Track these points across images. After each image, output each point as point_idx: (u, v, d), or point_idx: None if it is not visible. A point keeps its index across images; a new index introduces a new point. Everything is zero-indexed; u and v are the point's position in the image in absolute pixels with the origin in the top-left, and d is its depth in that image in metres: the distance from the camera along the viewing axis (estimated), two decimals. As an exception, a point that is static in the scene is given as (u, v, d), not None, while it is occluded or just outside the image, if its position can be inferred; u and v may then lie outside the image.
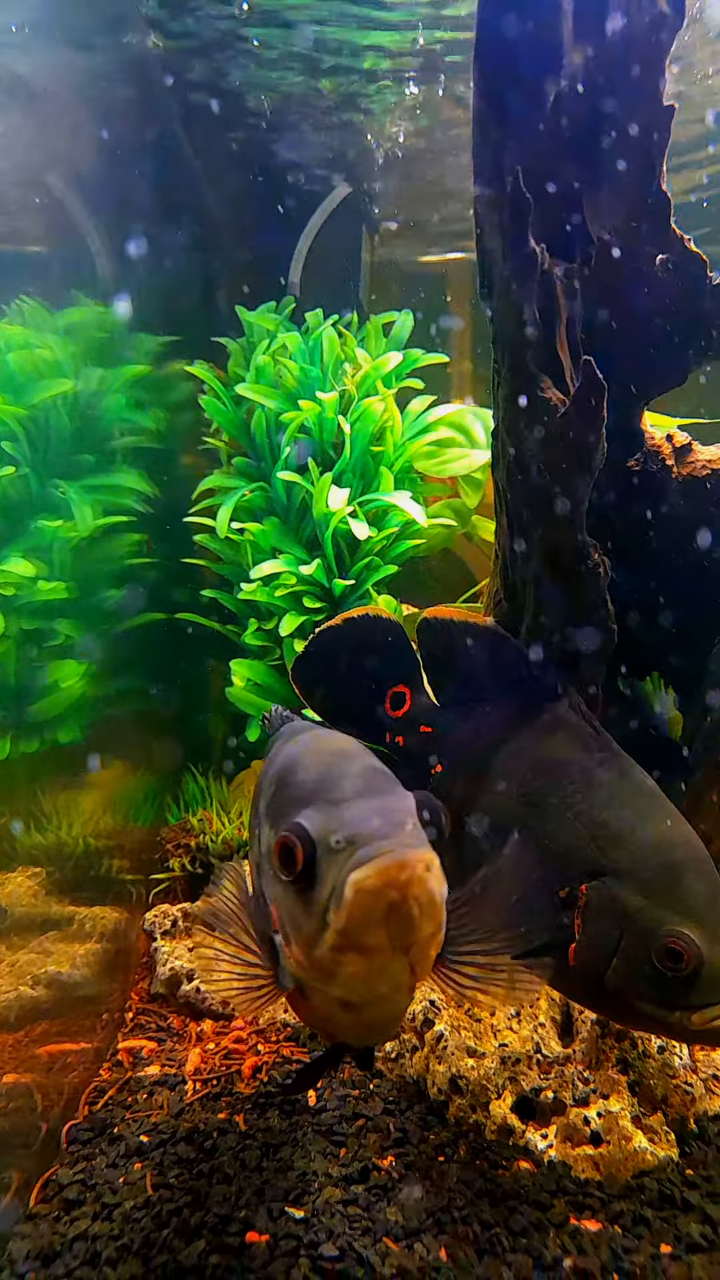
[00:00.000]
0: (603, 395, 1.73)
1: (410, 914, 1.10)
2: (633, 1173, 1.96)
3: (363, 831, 1.14)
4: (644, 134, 1.86)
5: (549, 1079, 2.16)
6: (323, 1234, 1.74)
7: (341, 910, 1.11)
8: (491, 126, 1.74)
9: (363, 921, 1.10)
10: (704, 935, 1.61)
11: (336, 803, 1.20)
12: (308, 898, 1.18)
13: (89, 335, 4.02)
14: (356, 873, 1.10)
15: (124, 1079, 2.41)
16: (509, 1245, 1.74)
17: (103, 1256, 1.68)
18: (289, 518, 3.82)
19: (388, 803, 1.20)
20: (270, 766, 1.55)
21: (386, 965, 1.16)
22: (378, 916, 1.10)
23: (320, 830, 1.17)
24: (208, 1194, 1.86)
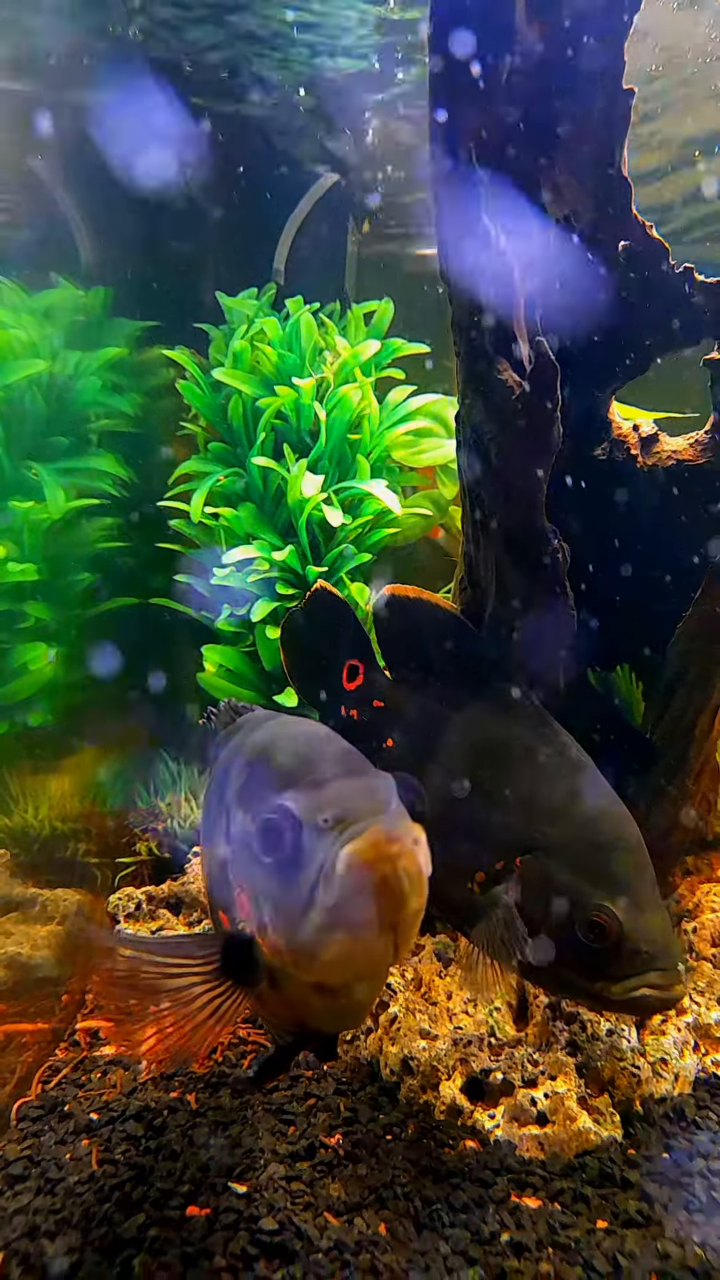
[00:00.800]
0: (555, 376, 1.74)
1: (401, 889, 1.11)
2: (576, 1152, 1.97)
3: (351, 809, 1.14)
4: (604, 117, 1.86)
5: (499, 1061, 2.17)
6: (264, 1208, 1.74)
7: (333, 886, 1.11)
8: (445, 103, 1.74)
9: (354, 896, 1.10)
10: (626, 911, 1.67)
11: (319, 783, 1.20)
12: (293, 879, 1.17)
13: (67, 318, 4.00)
14: (348, 847, 1.10)
15: (79, 1058, 2.41)
16: (448, 1220, 1.76)
17: (41, 1229, 1.69)
18: (264, 504, 3.81)
19: (371, 782, 1.21)
20: (236, 755, 1.53)
21: (373, 944, 1.15)
22: (370, 891, 1.10)
23: (306, 810, 1.17)
24: (152, 1169, 1.87)
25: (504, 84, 1.77)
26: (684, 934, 2.70)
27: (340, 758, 1.28)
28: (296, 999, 1.33)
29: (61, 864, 3.13)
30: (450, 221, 1.82)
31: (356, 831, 1.11)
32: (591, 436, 2.55)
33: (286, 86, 4.51)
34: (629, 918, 1.66)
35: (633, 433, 2.58)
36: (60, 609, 3.62)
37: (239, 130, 4.79)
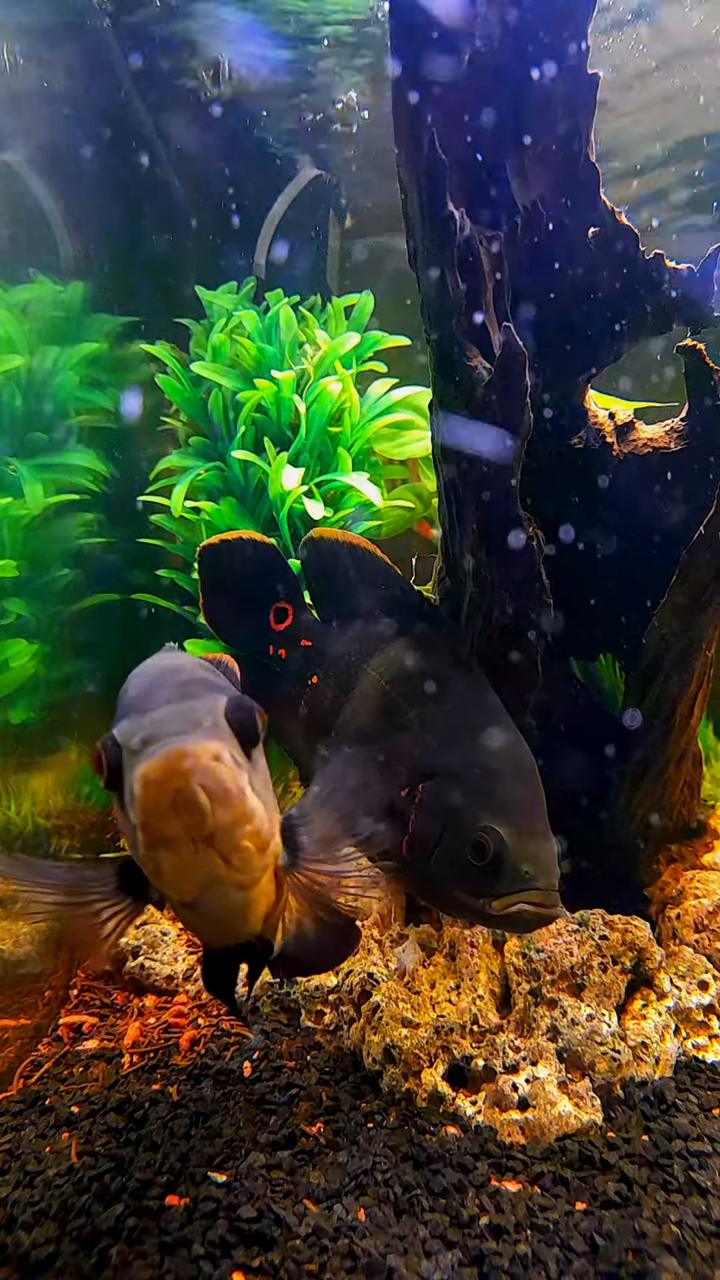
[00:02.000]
0: (525, 362, 1.74)
1: (197, 802, 1.14)
2: (557, 1136, 1.98)
3: (158, 731, 1.18)
4: (569, 101, 1.85)
5: (480, 1048, 2.18)
6: (243, 1197, 1.75)
7: (135, 805, 1.14)
8: (408, 87, 1.73)
9: (152, 812, 1.14)
10: (509, 833, 1.79)
11: (145, 710, 1.24)
12: (119, 799, 1.23)
13: (45, 313, 3.97)
14: (141, 766, 1.14)
15: (61, 1053, 2.40)
16: (428, 1205, 1.76)
17: (19, 1221, 1.68)
18: (245, 498, 3.80)
19: (190, 705, 1.24)
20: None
21: (193, 857, 1.19)
22: (165, 807, 1.13)
23: (124, 735, 1.21)
24: (132, 1160, 1.87)
25: (466, 69, 1.76)
26: (667, 920, 2.72)
27: (179, 686, 1.31)
28: (177, 912, 1.40)
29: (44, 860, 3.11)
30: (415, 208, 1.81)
31: (153, 751, 1.15)
32: (567, 425, 2.55)
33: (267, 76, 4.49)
34: (513, 840, 1.78)
35: (608, 421, 2.59)
36: (41, 605, 3.60)
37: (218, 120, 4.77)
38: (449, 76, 1.71)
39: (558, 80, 1.84)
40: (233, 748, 1.22)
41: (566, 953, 2.30)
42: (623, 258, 2.07)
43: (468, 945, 2.60)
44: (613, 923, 2.37)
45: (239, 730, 1.25)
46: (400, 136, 1.79)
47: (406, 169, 1.82)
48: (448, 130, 1.71)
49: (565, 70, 1.84)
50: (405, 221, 1.94)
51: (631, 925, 2.36)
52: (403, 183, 1.87)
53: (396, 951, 2.51)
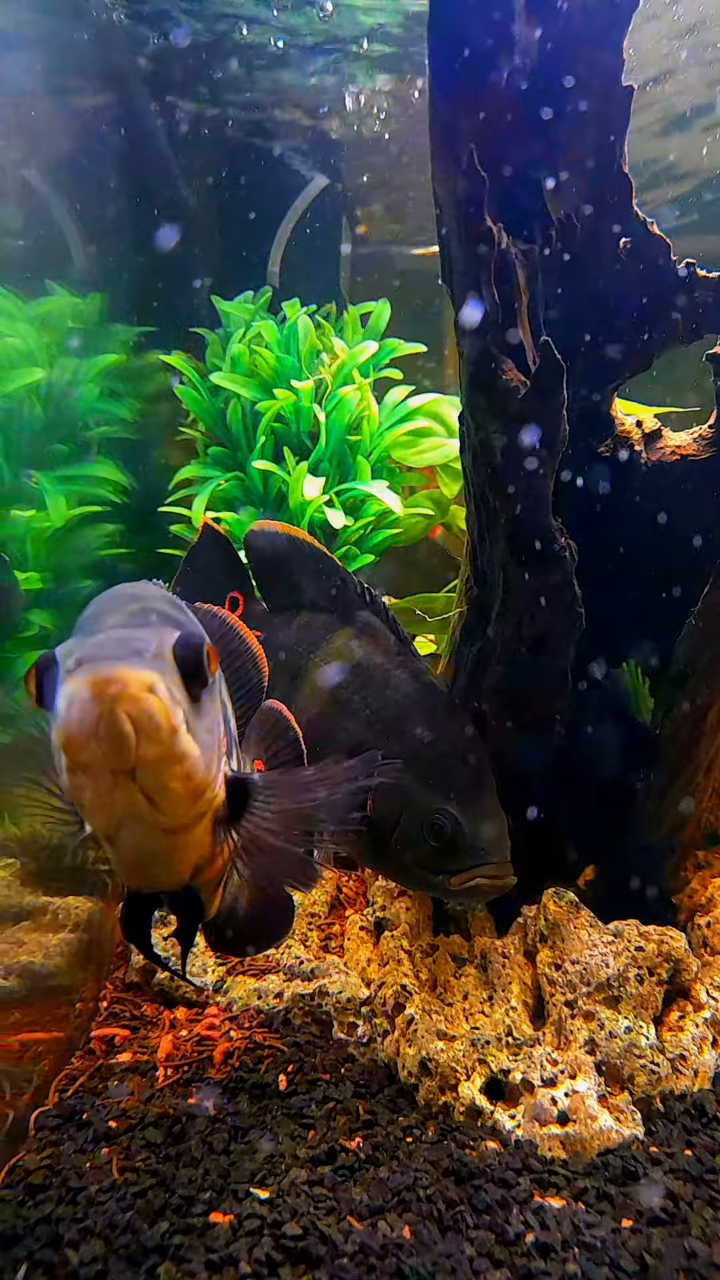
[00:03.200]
0: (561, 375, 1.73)
1: (120, 730, 1.07)
2: (598, 1150, 1.97)
3: (94, 654, 1.11)
4: (603, 114, 1.86)
5: (518, 1060, 2.17)
6: (287, 1213, 1.74)
7: (58, 724, 1.08)
8: (445, 103, 1.74)
9: (73, 735, 1.07)
10: (463, 814, 1.95)
11: (89, 634, 1.18)
12: (51, 722, 1.15)
13: (63, 325, 4.00)
14: (64, 687, 1.07)
15: (95, 1066, 2.40)
16: (472, 1222, 1.75)
17: (65, 1239, 1.68)
18: (265, 507, 3.81)
19: (136, 633, 1.17)
20: None
21: (111, 790, 1.13)
22: (86, 730, 1.06)
23: (63, 655, 1.14)
24: (174, 1177, 1.86)
25: (504, 85, 1.77)
26: (697, 929, 2.70)
27: (131, 613, 1.23)
28: (102, 848, 1.33)
29: (71, 871, 3.12)
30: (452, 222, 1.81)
31: (83, 672, 1.08)
32: (594, 433, 2.55)
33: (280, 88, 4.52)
34: (467, 820, 1.93)
35: (636, 429, 2.58)
36: (63, 617, 3.62)
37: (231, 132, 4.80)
38: (487, 93, 1.72)
39: (592, 94, 1.84)
40: (172, 682, 1.14)
41: (602, 964, 2.29)
42: (654, 267, 2.07)
43: (499, 956, 2.59)
44: (648, 934, 2.36)
45: (184, 666, 1.17)
46: (437, 152, 1.79)
47: (443, 184, 1.82)
48: (483, 145, 1.71)
49: (600, 84, 1.85)
50: (439, 237, 1.94)
51: (667, 936, 2.34)
52: (438, 198, 1.88)
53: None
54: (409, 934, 2.73)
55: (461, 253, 1.81)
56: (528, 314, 1.87)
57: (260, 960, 2.83)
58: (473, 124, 1.72)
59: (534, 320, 1.90)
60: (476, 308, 1.78)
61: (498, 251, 1.74)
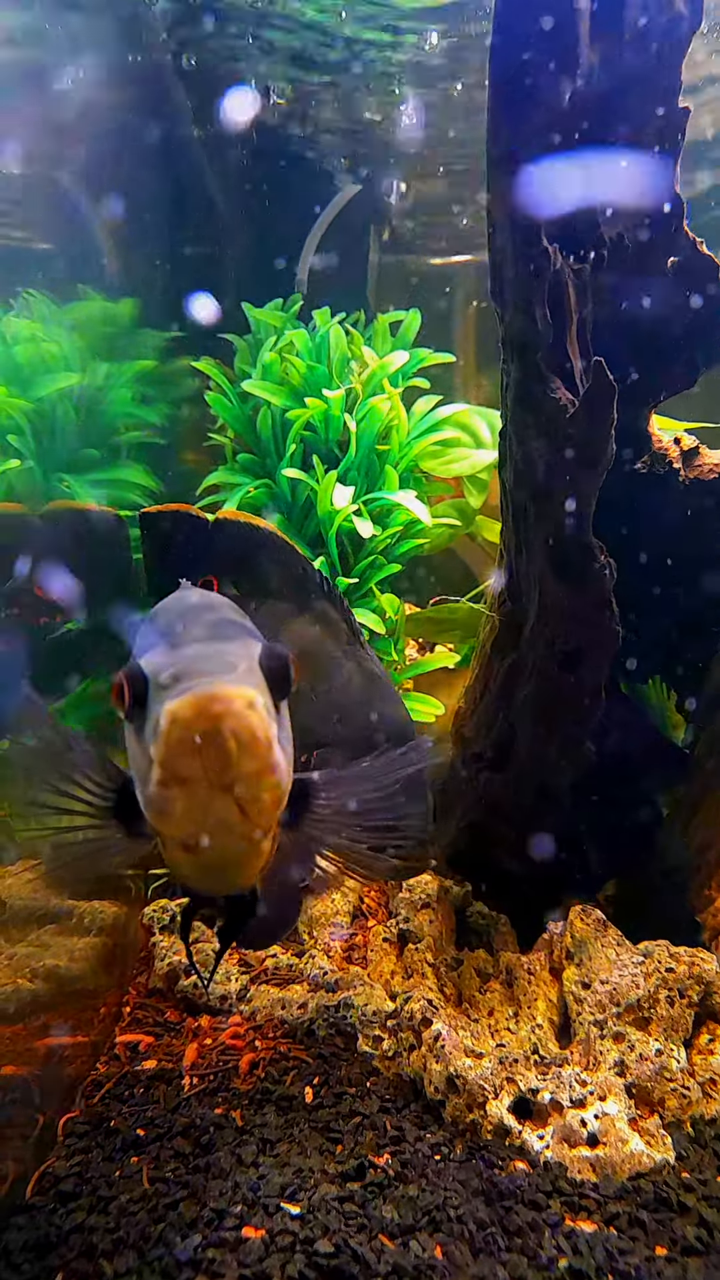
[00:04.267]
0: (613, 396, 1.73)
1: (225, 746, 1.10)
2: (629, 1175, 1.96)
3: (191, 669, 1.14)
4: (658, 135, 1.86)
5: (546, 1080, 2.16)
6: (318, 1230, 1.73)
7: (159, 741, 1.11)
8: (504, 122, 1.74)
9: (175, 752, 1.11)
10: None
11: (177, 645, 1.21)
12: (140, 736, 1.19)
13: (96, 330, 4.03)
14: (170, 704, 1.10)
15: (121, 1073, 2.40)
16: (504, 1245, 1.75)
17: (99, 1249, 1.68)
18: (293, 515, 3.81)
19: (226, 646, 1.21)
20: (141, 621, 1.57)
21: (210, 802, 1.16)
22: (190, 747, 1.10)
23: (153, 667, 1.17)
24: (204, 1188, 1.86)
25: (565, 107, 1.77)
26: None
27: (210, 624, 1.28)
28: (172, 856, 1.34)
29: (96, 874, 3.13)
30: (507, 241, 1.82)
31: (184, 689, 1.11)
32: (632, 450, 2.54)
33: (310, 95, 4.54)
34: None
35: (673, 446, 2.57)
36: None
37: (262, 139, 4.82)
38: (549, 116, 1.72)
39: (649, 114, 1.84)
40: (265, 696, 1.18)
41: (632, 985, 2.27)
42: (700, 286, 2.07)
43: (525, 972, 2.58)
44: (678, 955, 2.34)
45: (271, 679, 1.21)
46: (495, 172, 1.80)
47: (500, 204, 1.83)
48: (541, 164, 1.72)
49: (657, 104, 1.85)
50: (491, 254, 1.95)
51: (698, 958, 2.33)
52: (492, 216, 1.88)
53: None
54: (433, 947, 2.72)
55: (515, 272, 1.82)
56: (576, 333, 1.87)
57: (284, 970, 2.83)
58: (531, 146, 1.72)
59: (581, 339, 1.90)
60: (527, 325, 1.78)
61: (551, 271, 1.75)
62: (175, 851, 1.30)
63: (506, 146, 1.75)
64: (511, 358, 1.93)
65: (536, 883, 2.85)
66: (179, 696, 1.11)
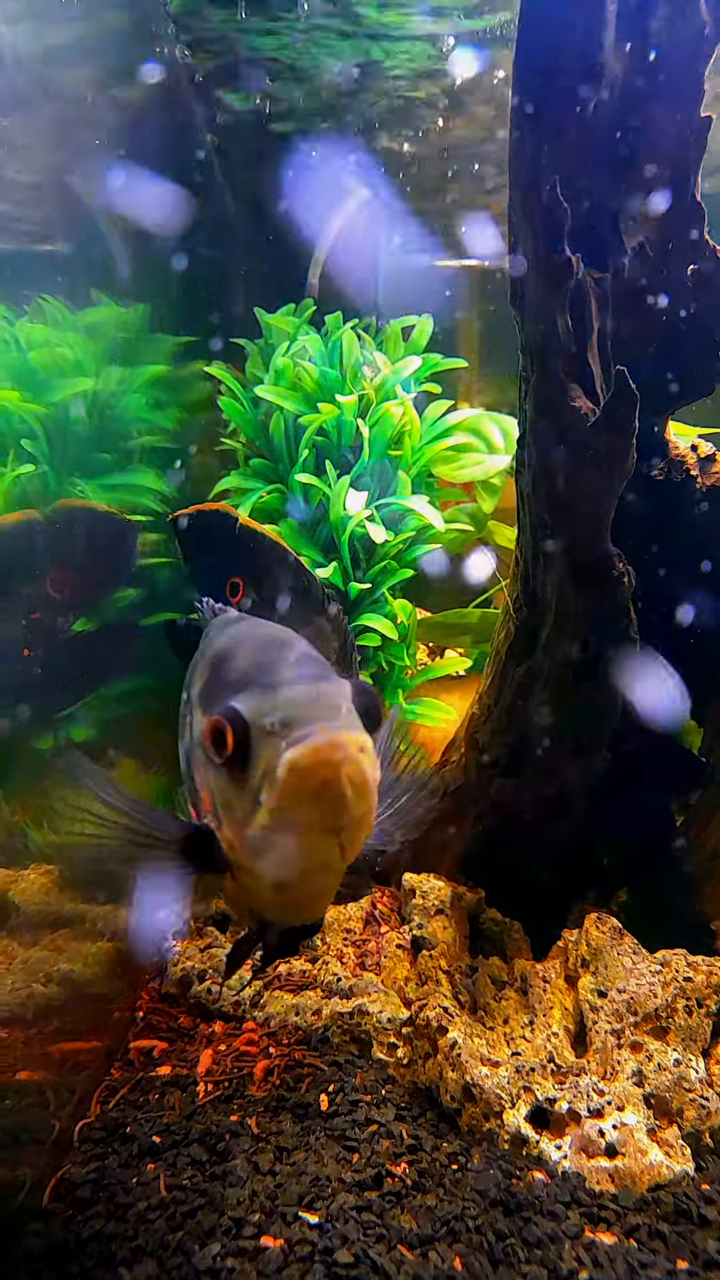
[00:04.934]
0: (635, 406, 1.73)
1: (343, 795, 1.12)
2: (648, 1186, 1.95)
3: (298, 714, 1.16)
4: (680, 145, 1.86)
5: (563, 1089, 2.15)
6: (337, 1240, 1.73)
7: (275, 789, 1.12)
8: (529, 134, 1.75)
9: (295, 800, 1.12)
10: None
11: (273, 686, 1.21)
12: (240, 779, 1.19)
13: (109, 335, 4.04)
14: (291, 752, 1.11)
15: (135, 1079, 2.40)
16: (524, 1256, 1.74)
17: (118, 1257, 1.68)
18: (306, 520, 3.82)
19: (323, 688, 1.22)
20: (203, 654, 1.56)
21: (317, 845, 1.18)
22: (310, 795, 1.12)
23: (255, 712, 1.18)
24: (222, 1196, 1.86)
25: (589, 117, 1.77)
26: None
27: (298, 662, 1.29)
28: (252, 890, 1.36)
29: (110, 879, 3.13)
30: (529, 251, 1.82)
31: (301, 736, 1.12)
32: (649, 457, 2.54)
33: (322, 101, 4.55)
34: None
35: (690, 453, 2.57)
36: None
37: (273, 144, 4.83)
38: (572, 125, 1.72)
39: (672, 123, 1.84)
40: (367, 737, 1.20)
41: (650, 994, 2.26)
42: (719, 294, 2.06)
43: (539, 980, 2.57)
44: (696, 964, 2.33)
45: (364, 717, 1.23)
46: (518, 181, 1.80)
47: (521, 213, 1.83)
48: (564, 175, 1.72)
49: (680, 114, 1.85)
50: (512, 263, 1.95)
51: (716, 966, 2.32)
52: (514, 225, 1.89)
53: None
54: (447, 954, 2.71)
55: (537, 280, 1.82)
56: (597, 342, 1.87)
57: (297, 976, 2.83)
58: (555, 156, 1.72)
59: (602, 347, 1.90)
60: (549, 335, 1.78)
61: (573, 281, 1.75)
62: (263, 890, 1.31)
63: (530, 156, 1.75)
64: (531, 366, 1.94)
65: (550, 889, 2.85)
66: (299, 745, 1.12)
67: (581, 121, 1.76)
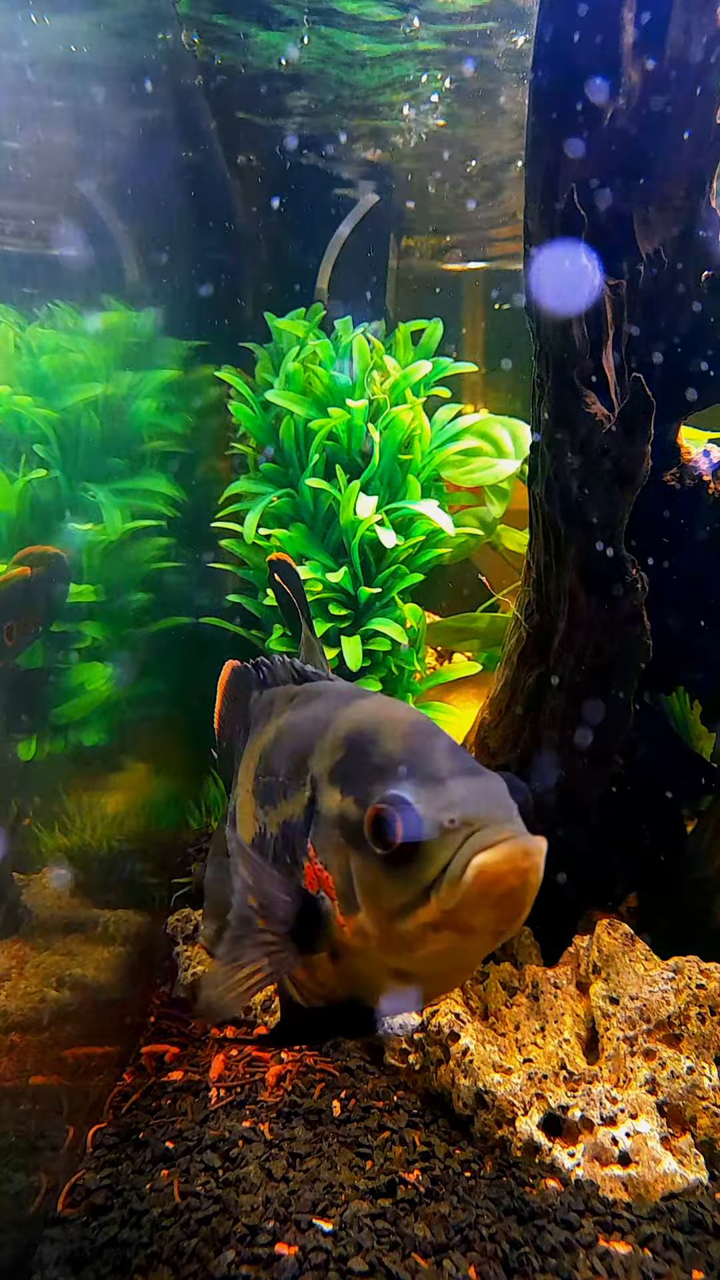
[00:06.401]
0: (651, 412, 1.73)
1: (522, 901, 1.11)
2: (661, 1195, 1.94)
3: (478, 813, 1.14)
4: (695, 152, 1.85)
5: (576, 1096, 2.14)
6: (351, 1248, 1.73)
7: (457, 891, 1.10)
8: (545, 141, 1.75)
9: (478, 904, 1.11)
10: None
11: (439, 779, 1.18)
12: (401, 872, 1.15)
13: (120, 339, 4.05)
14: (483, 857, 1.09)
15: (148, 1084, 2.41)
16: (538, 1265, 1.73)
17: (133, 1264, 1.69)
18: (316, 524, 3.82)
19: (490, 785, 1.20)
20: (317, 724, 1.43)
21: (480, 947, 1.18)
22: (494, 900, 1.11)
23: (430, 807, 1.15)
24: (235, 1203, 1.86)
25: (606, 126, 1.78)
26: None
27: (451, 752, 1.26)
28: (360, 976, 1.31)
29: (120, 883, 3.14)
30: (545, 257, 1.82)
31: (488, 840, 1.10)
32: (661, 462, 2.53)
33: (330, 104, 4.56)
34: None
35: (703, 458, 2.56)
36: (114, 629, 3.65)
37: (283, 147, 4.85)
38: (590, 134, 1.73)
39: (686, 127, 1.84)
40: None
41: (663, 1001, 2.25)
42: (734, 301, 2.06)
43: (550, 986, 2.56)
44: (709, 971, 2.32)
45: (520, 813, 1.20)
46: (534, 187, 1.80)
47: (538, 219, 1.83)
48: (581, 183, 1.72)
49: (695, 120, 1.84)
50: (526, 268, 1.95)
51: (729, 975, 2.30)
52: (529, 230, 1.89)
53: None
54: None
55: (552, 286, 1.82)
56: (613, 348, 1.87)
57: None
58: (573, 164, 1.73)
59: (618, 354, 1.90)
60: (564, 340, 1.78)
61: (590, 287, 1.75)
62: (377, 975, 1.28)
63: (547, 164, 1.75)
64: (546, 372, 1.94)
65: (561, 895, 2.83)
66: (491, 850, 1.09)
67: (600, 128, 1.76)
